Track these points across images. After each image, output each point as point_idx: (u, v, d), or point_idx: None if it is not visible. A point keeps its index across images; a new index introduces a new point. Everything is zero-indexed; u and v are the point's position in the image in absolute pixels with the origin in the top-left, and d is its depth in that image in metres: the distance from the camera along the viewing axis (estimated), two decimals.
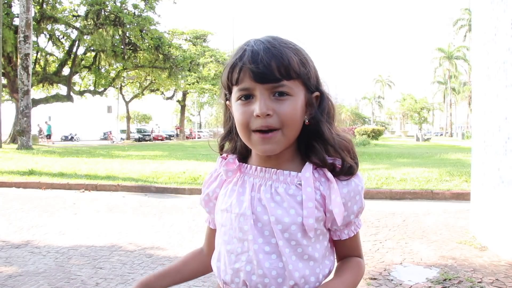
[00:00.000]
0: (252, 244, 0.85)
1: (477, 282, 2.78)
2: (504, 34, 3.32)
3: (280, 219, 0.84)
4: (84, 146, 24.35)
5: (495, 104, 3.50)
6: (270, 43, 0.83)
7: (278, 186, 0.86)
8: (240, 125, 0.84)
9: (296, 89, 0.83)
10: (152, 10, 29.79)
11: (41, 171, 8.91)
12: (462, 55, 57.82)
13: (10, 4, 24.29)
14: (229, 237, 0.89)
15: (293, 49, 0.84)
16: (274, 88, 0.81)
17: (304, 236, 0.85)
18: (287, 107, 0.81)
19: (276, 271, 0.84)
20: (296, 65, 0.82)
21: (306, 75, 0.84)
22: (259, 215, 0.85)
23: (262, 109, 0.80)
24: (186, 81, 38.62)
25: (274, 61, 0.80)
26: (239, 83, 0.83)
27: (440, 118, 76.96)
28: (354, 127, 40.12)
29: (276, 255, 0.84)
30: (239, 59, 0.83)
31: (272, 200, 0.86)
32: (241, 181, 0.91)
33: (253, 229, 0.85)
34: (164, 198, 6.37)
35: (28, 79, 18.20)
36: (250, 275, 0.85)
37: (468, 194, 4.83)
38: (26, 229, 4.34)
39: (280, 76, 0.80)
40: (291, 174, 0.87)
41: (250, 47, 0.83)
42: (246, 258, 0.86)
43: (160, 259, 3.37)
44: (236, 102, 0.85)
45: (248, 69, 0.81)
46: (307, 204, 0.84)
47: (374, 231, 4.22)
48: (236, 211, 0.88)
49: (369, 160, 12.37)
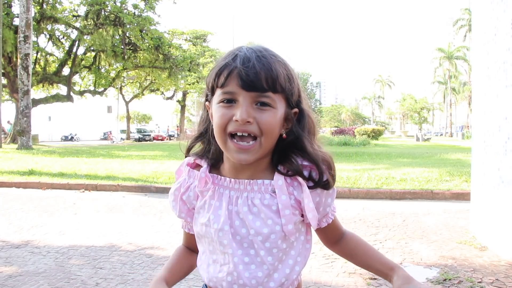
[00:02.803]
0: (231, 257, 0.89)
1: (477, 282, 2.78)
2: (504, 34, 3.32)
3: (260, 231, 0.87)
4: (84, 146, 24.35)
5: (495, 104, 3.50)
6: (261, 53, 0.84)
7: (254, 197, 0.88)
8: (218, 126, 0.84)
9: (278, 102, 0.84)
10: (152, 10, 29.79)
11: (41, 171, 8.92)
12: (462, 55, 57.81)
13: (10, 4, 24.30)
14: (213, 248, 0.93)
15: (282, 63, 0.86)
16: (258, 97, 0.82)
17: (284, 241, 0.89)
18: (267, 117, 0.82)
19: (256, 280, 0.89)
20: (283, 79, 0.84)
21: (290, 90, 0.86)
22: (237, 229, 0.88)
23: (243, 115, 0.80)
24: (186, 81, 38.60)
25: (264, 72, 0.81)
26: (225, 86, 0.83)
27: (440, 118, 76.95)
28: (354, 127, 40.14)
29: (255, 265, 0.89)
30: (229, 62, 0.83)
31: (250, 212, 0.87)
32: (217, 195, 0.91)
33: (232, 242, 0.88)
34: (164, 198, 6.37)
35: (28, 79, 18.20)
36: (231, 284, 0.90)
37: (468, 194, 4.83)
38: (26, 229, 4.34)
39: (267, 87, 0.82)
40: (264, 183, 0.88)
41: (242, 53, 0.84)
42: (227, 269, 0.90)
43: (160, 259, 3.37)
44: (217, 104, 0.85)
45: (237, 74, 0.81)
46: (284, 212, 0.87)
47: (374, 231, 4.22)
48: (215, 226, 0.89)
49: (369, 160, 12.37)
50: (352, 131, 33.80)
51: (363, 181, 7.05)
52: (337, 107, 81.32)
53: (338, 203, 6.19)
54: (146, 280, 2.90)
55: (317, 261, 3.19)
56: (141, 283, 2.85)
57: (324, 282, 2.81)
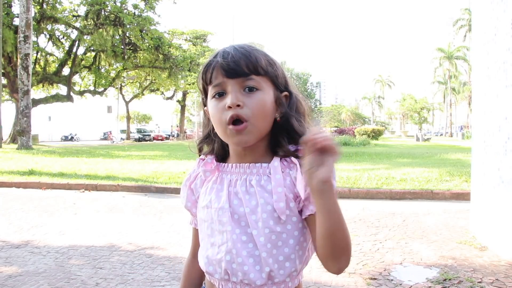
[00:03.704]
0: (230, 234, 0.91)
1: (477, 282, 2.78)
2: (504, 34, 3.32)
3: (254, 210, 0.90)
4: (84, 146, 24.35)
5: (495, 104, 3.50)
6: (240, 46, 0.92)
7: (252, 179, 0.92)
8: (216, 120, 0.91)
9: (264, 84, 0.90)
10: (152, 10, 29.78)
11: (41, 171, 8.92)
12: (462, 55, 57.76)
13: (10, 4, 24.30)
14: (212, 230, 0.95)
15: (261, 52, 0.92)
16: (244, 82, 0.88)
17: (277, 223, 0.89)
18: (256, 99, 0.88)
19: (253, 259, 0.89)
20: (264, 63, 0.90)
21: (273, 73, 0.92)
22: (236, 208, 0.92)
23: (233, 99, 0.87)
24: (186, 81, 38.58)
25: (243, 59, 0.88)
26: (213, 81, 0.90)
27: (440, 118, 76.96)
28: (354, 127, 40.14)
29: (253, 244, 0.90)
30: (212, 60, 0.92)
31: (247, 192, 0.92)
32: (219, 179, 0.97)
33: (231, 220, 0.91)
34: (164, 198, 6.37)
35: (28, 79, 18.20)
36: (230, 264, 0.90)
37: (468, 194, 4.83)
38: (26, 229, 4.34)
39: (248, 71, 0.88)
40: (262, 166, 0.93)
41: (222, 50, 0.92)
42: (226, 248, 0.91)
43: (160, 259, 3.37)
44: (211, 100, 0.92)
45: (219, 66, 0.89)
46: (277, 189, 0.89)
47: (374, 231, 4.22)
48: (216, 205, 0.94)
49: (369, 160, 12.37)
50: (352, 131, 33.82)
51: (363, 181, 7.05)
52: (337, 107, 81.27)
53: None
54: (146, 280, 2.90)
55: (317, 261, 3.18)
56: (141, 283, 2.85)
57: (324, 282, 2.81)
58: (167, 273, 3.04)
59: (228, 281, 0.92)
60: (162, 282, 2.86)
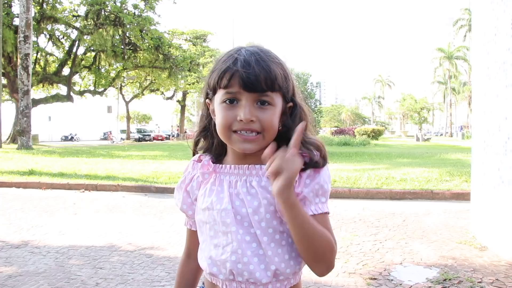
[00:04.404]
0: (235, 235, 0.92)
1: (477, 282, 2.78)
2: (504, 34, 3.32)
3: (257, 210, 0.92)
4: (84, 146, 24.36)
5: (495, 104, 3.50)
6: (259, 55, 0.91)
7: (252, 180, 0.94)
8: (222, 126, 0.91)
9: (277, 99, 0.92)
10: (152, 10, 29.78)
11: (41, 171, 8.92)
12: (462, 55, 57.77)
13: (10, 4, 24.30)
14: (215, 232, 0.96)
15: (278, 63, 0.93)
16: (259, 97, 0.90)
17: (280, 223, 0.92)
18: (268, 115, 0.90)
19: (258, 258, 0.91)
20: (280, 79, 0.92)
21: (286, 88, 0.94)
22: (238, 209, 0.93)
23: (247, 115, 0.88)
24: (186, 81, 38.61)
25: (263, 74, 0.89)
26: (227, 88, 0.90)
27: (440, 118, 76.95)
28: (354, 127, 40.15)
29: (256, 244, 0.92)
30: (231, 66, 0.90)
31: (248, 193, 0.93)
32: (218, 181, 0.98)
33: (234, 221, 0.93)
34: (164, 198, 6.37)
35: (28, 79, 18.21)
36: (235, 264, 0.91)
37: (468, 194, 4.83)
38: (26, 229, 4.34)
39: (266, 87, 0.89)
40: (262, 168, 0.94)
41: (242, 57, 0.90)
42: (231, 249, 0.92)
43: (160, 259, 3.37)
44: (220, 104, 0.92)
45: (239, 77, 0.88)
46: None
47: (374, 231, 4.22)
48: (218, 207, 0.95)
49: (369, 160, 12.37)
50: (352, 131, 33.84)
51: (363, 181, 7.05)
52: (337, 107, 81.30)
53: (338, 203, 6.18)
54: (146, 280, 2.90)
55: None
56: (141, 283, 2.85)
57: (324, 282, 2.81)
58: (167, 273, 3.04)
59: (233, 281, 0.92)
60: (162, 282, 2.86)
